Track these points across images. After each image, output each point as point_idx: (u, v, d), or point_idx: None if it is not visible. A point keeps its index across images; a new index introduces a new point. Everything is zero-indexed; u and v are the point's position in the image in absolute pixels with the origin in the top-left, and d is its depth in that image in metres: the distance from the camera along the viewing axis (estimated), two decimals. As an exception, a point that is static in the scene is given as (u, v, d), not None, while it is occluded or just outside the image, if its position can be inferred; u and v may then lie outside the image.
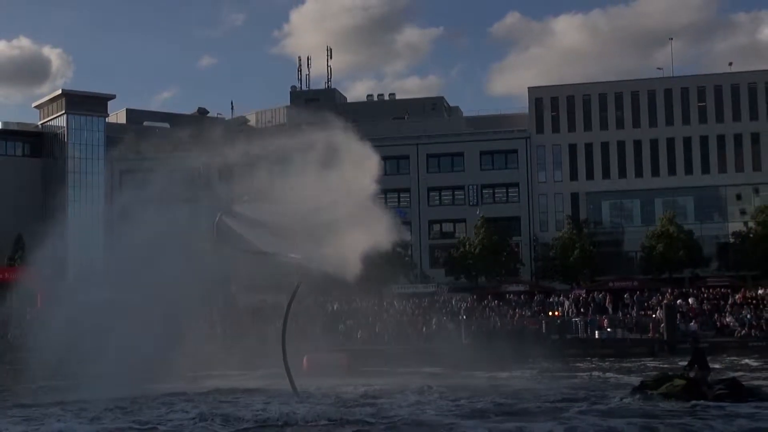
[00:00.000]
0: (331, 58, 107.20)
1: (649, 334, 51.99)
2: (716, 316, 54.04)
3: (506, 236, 73.62)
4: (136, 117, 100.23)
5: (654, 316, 54.00)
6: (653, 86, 79.15)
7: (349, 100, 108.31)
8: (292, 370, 29.40)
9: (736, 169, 76.94)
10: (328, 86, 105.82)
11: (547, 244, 75.40)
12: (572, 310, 57.89)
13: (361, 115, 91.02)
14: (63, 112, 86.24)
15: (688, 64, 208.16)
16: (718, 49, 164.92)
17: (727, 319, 53.05)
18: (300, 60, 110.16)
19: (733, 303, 55.72)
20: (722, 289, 59.88)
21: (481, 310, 59.38)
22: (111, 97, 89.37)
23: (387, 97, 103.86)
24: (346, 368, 40.65)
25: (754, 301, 55.46)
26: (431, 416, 23.64)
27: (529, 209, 79.94)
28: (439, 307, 60.29)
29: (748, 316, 52.57)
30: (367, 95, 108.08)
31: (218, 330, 48.87)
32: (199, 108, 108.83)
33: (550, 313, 57.91)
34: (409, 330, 54.72)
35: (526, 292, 64.87)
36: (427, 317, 56.95)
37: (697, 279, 66.93)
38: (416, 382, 33.23)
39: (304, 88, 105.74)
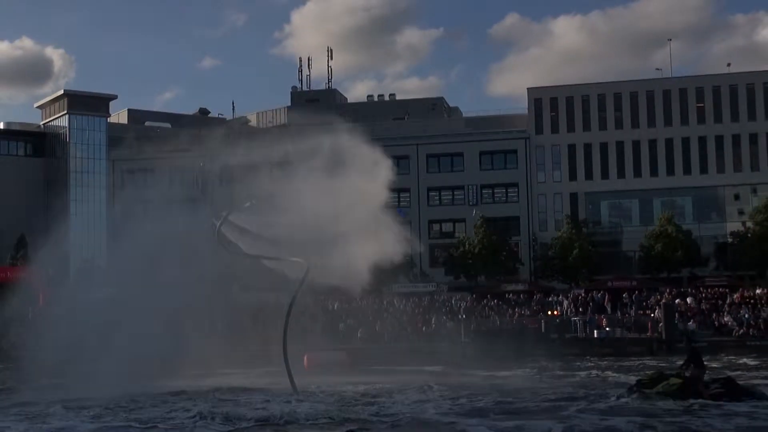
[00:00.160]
0: (332, 59, 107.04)
1: (648, 334, 52.03)
2: (714, 315, 54.21)
3: (506, 236, 73.70)
4: (137, 117, 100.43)
5: (652, 315, 54.09)
6: (652, 87, 79.08)
7: (350, 101, 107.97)
8: (293, 369, 29.37)
9: (734, 169, 76.90)
10: (329, 87, 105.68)
11: (546, 243, 75.34)
12: (571, 309, 58.06)
13: (361, 115, 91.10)
14: (65, 112, 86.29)
15: (686, 65, 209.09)
16: (717, 50, 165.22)
17: (725, 319, 53.22)
18: (301, 60, 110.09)
19: (731, 302, 55.87)
20: (720, 289, 60.08)
21: (481, 309, 59.60)
22: (113, 97, 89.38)
23: (387, 98, 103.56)
24: (346, 367, 40.98)
25: (752, 301, 55.57)
26: (432, 415, 23.70)
27: (529, 209, 79.93)
28: (439, 306, 60.41)
29: (746, 316, 52.77)
30: (368, 96, 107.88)
31: (219, 329, 49.11)
32: (200, 108, 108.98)
33: (549, 313, 58.07)
34: (408, 329, 54.96)
35: (525, 292, 65.04)
36: (427, 316, 57.10)
37: (696, 279, 66.99)
38: (416, 380, 33.25)
39: (305, 88, 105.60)
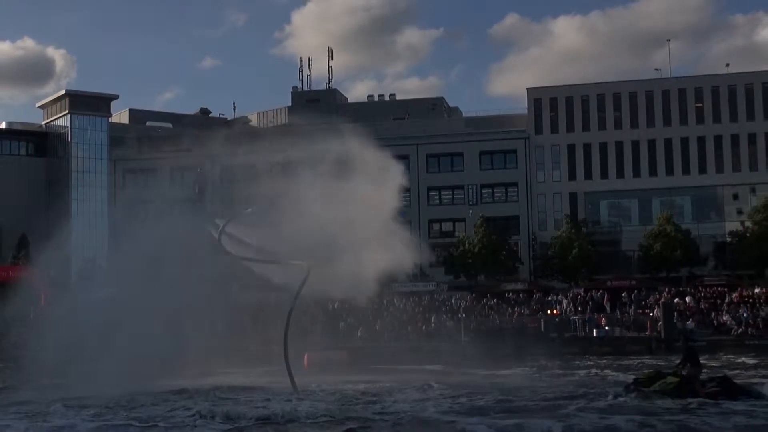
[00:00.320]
0: (332, 59, 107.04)
1: (647, 333, 52.16)
2: (713, 314, 54.38)
3: (505, 235, 73.77)
4: (138, 117, 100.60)
5: (651, 314, 54.24)
6: (651, 87, 79.12)
7: (350, 101, 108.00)
8: (293, 368, 29.38)
9: (733, 169, 76.89)
10: (329, 87, 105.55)
11: (545, 243, 75.35)
12: (571, 308, 58.27)
13: (361, 115, 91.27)
14: (66, 112, 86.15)
15: (685, 66, 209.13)
16: (716, 50, 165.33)
17: (724, 318, 53.42)
18: (301, 61, 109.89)
19: (730, 302, 56.05)
20: (719, 288, 60.30)
21: (481, 308, 59.80)
22: (114, 97, 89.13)
23: (387, 98, 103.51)
24: (346, 366, 41.17)
25: (750, 300, 55.74)
26: (432, 413, 23.71)
27: (528, 209, 79.91)
28: (439, 305, 60.61)
29: (745, 315, 52.95)
30: (368, 96, 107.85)
31: (219, 328, 49.26)
32: (201, 108, 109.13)
33: (549, 312, 58.25)
34: (408, 328, 55.13)
35: (524, 291, 65.24)
36: (427, 315, 57.27)
37: (694, 278, 67.09)
38: (417, 379, 33.23)
39: (306, 88, 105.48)
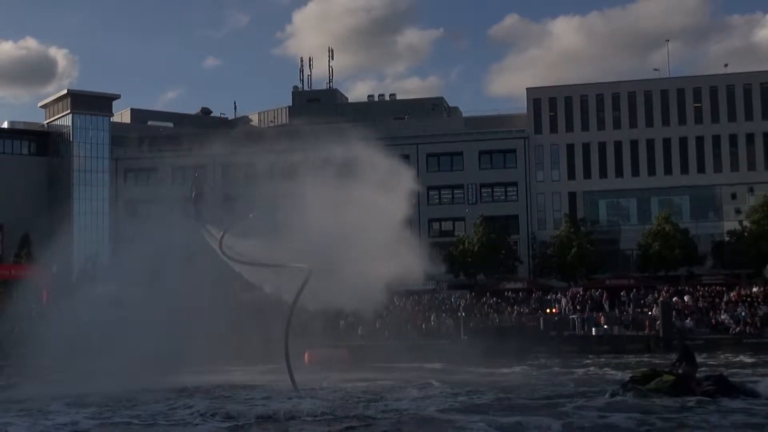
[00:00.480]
0: (333, 59, 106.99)
1: (645, 331, 52.30)
2: (711, 313, 54.45)
3: (505, 234, 73.48)
4: (140, 117, 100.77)
5: (650, 313, 54.36)
6: (650, 87, 79.07)
7: (351, 101, 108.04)
8: (293, 366, 29.45)
9: (731, 169, 76.83)
10: (330, 87, 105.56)
11: (545, 242, 75.23)
12: (570, 307, 58.32)
13: (362, 115, 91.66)
14: (68, 111, 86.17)
15: (684, 66, 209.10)
16: (714, 50, 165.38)
17: (722, 317, 53.46)
18: (302, 61, 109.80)
19: (728, 300, 56.07)
20: (717, 287, 60.31)
21: (480, 307, 59.81)
22: (116, 96, 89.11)
23: (388, 98, 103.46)
24: (346, 364, 41.48)
25: (748, 299, 55.76)
26: (433, 412, 23.93)
27: (528, 208, 79.83)
28: (439, 304, 60.79)
29: (743, 314, 52.99)
30: (368, 95, 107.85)
31: (220, 326, 49.31)
32: (202, 108, 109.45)
33: (548, 310, 58.33)
34: (408, 326, 55.27)
35: (524, 290, 65.26)
36: (427, 314, 57.51)
37: (693, 277, 67.16)
38: (417, 377, 33.62)
39: (306, 88, 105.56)
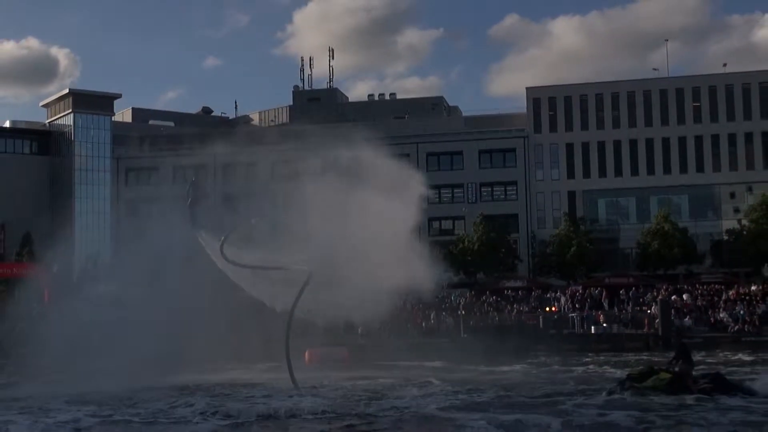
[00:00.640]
0: (333, 59, 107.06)
1: (644, 330, 52.37)
2: (710, 312, 54.43)
3: (504, 233, 73.67)
4: (141, 116, 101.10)
5: (649, 311, 54.42)
6: (649, 87, 79.16)
7: (351, 100, 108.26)
8: (294, 365, 29.58)
9: (730, 168, 76.96)
10: (330, 86, 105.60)
11: (544, 241, 75.42)
12: (569, 305, 58.35)
13: (362, 114, 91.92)
14: (70, 110, 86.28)
15: (683, 66, 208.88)
16: (713, 50, 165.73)
17: (721, 315, 53.43)
18: (302, 60, 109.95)
19: (727, 299, 56.06)
20: (716, 286, 60.30)
21: (480, 305, 59.86)
22: (117, 96, 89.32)
23: (388, 97, 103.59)
24: (347, 362, 41.62)
25: (747, 297, 55.75)
26: (433, 410, 24.07)
27: (527, 207, 79.93)
28: (438, 302, 60.90)
29: (741, 312, 52.93)
30: (368, 95, 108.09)
31: (220, 325, 49.36)
32: (203, 107, 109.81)
33: (548, 309, 58.32)
34: (408, 325, 55.36)
35: (523, 288, 65.22)
36: (427, 312, 57.65)
37: (692, 275, 67.30)
38: (417, 376, 33.75)
39: (307, 87, 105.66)
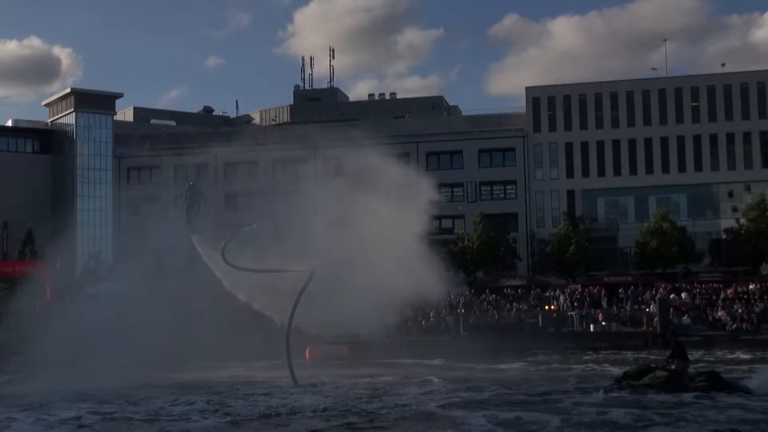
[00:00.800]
0: (334, 59, 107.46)
1: (643, 328, 52.45)
2: (708, 310, 54.51)
3: (504, 232, 73.68)
4: (143, 115, 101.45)
5: (648, 310, 54.50)
6: (648, 86, 79.19)
7: (351, 100, 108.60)
8: (294, 362, 29.83)
9: (728, 167, 76.94)
10: (331, 86, 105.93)
11: (543, 239, 75.44)
12: (568, 304, 58.48)
13: (362, 114, 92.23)
14: (72, 110, 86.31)
15: (682, 65, 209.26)
16: (711, 50, 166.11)
17: (719, 314, 53.52)
18: (303, 60, 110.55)
19: (725, 298, 56.16)
20: (714, 284, 60.36)
21: (479, 303, 59.85)
22: (119, 95, 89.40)
23: (388, 97, 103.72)
24: (347, 360, 41.91)
25: (745, 296, 55.88)
26: (433, 407, 24.21)
27: (527, 206, 79.95)
28: (438, 300, 61.20)
29: (740, 311, 53.00)
30: (369, 94, 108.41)
31: (221, 323, 49.60)
32: (204, 107, 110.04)
33: (547, 307, 58.36)
34: (408, 323, 55.61)
35: (523, 287, 65.39)
36: (426, 311, 57.92)
37: (690, 274, 67.39)
38: (417, 373, 33.96)
39: (308, 87, 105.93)
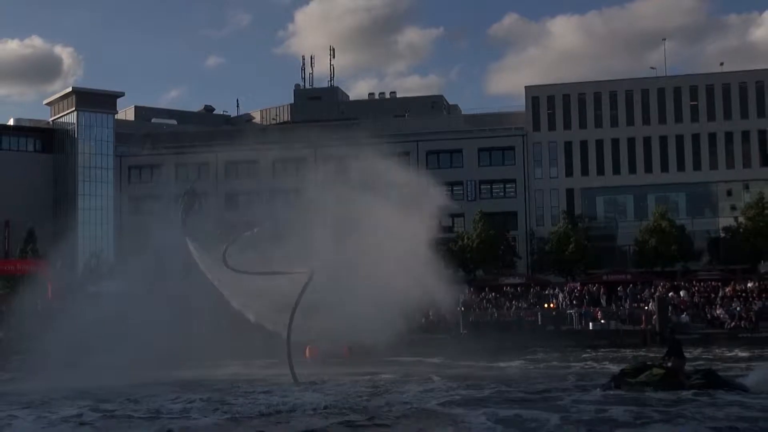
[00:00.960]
0: (334, 58, 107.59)
1: (642, 326, 52.58)
2: (707, 308, 54.76)
3: (503, 230, 73.95)
4: (144, 114, 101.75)
5: (646, 308, 54.73)
6: (647, 85, 79.41)
7: (351, 99, 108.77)
8: (294, 360, 29.94)
9: (726, 166, 77.20)
10: (331, 85, 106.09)
11: (543, 238, 75.65)
12: (567, 302, 58.72)
13: (362, 113, 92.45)
14: (73, 109, 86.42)
15: (680, 65, 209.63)
16: (710, 49, 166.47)
17: (718, 312, 53.69)
18: (304, 59, 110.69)
19: (724, 296, 56.32)
20: (713, 283, 60.63)
21: (479, 302, 59.84)
22: (120, 94, 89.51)
23: (388, 96, 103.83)
24: (347, 358, 42.16)
25: (743, 294, 56.07)
26: (434, 405, 24.30)
27: (526, 204, 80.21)
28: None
29: (738, 309, 53.17)
30: (369, 94, 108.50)
31: (221, 321, 49.74)
32: (205, 106, 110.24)
33: (546, 305, 58.45)
34: (408, 321, 55.79)
35: (522, 285, 65.48)
36: (426, 309, 58.15)
37: (689, 272, 67.69)
38: (417, 371, 34.23)
39: (308, 86, 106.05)
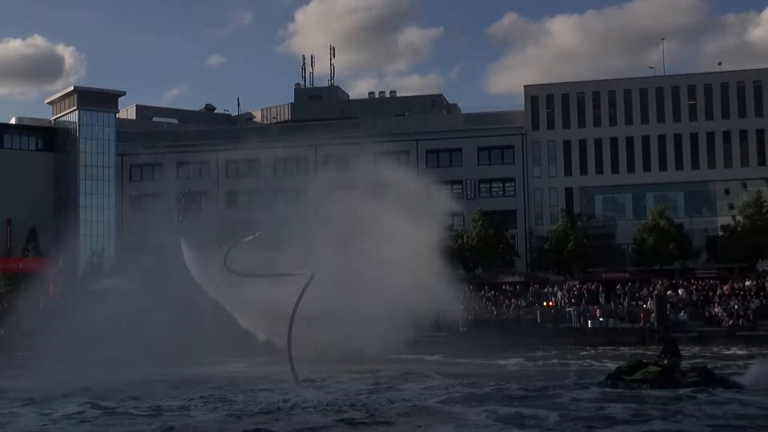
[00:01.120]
0: (335, 57, 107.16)
1: (640, 324, 52.90)
2: (705, 306, 55.14)
3: (502, 229, 74.23)
4: (145, 113, 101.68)
5: (645, 306, 55.09)
6: (645, 85, 79.50)
7: (352, 98, 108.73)
8: (295, 359, 29.92)
9: (724, 165, 77.26)
10: (331, 84, 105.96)
11: (542, 236, 75.88)
12: (566, 300, 59.11)
13: (362, 112, 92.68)
14: (75, 108, 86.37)
15: (679, 64, 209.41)
16: (708, 49, 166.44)
17: (716, 310, 54.04)
18: (304, 58, 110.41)
19: (722, 294, 56.68)
20: (711, 281, 61.02)
21: (478, 300, 59.95)
22: (121, 93, 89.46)
23: (388, 95, 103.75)
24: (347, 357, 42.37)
25: (741, 293, 56.37)
26: (433, 403, 24.62)
27: (525, 203, 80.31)
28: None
29: (736, 307, 53.52)
30: (369, 93, 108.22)
31: (223, 319, 50.02)
32: (206, 105, 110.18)
33: (545, 304, 58.88)
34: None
35: (521, 283, 65.72)
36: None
37: (687, 271, 67.80)
38: (417, 369, 34.43)
39: (308, 85, 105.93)
